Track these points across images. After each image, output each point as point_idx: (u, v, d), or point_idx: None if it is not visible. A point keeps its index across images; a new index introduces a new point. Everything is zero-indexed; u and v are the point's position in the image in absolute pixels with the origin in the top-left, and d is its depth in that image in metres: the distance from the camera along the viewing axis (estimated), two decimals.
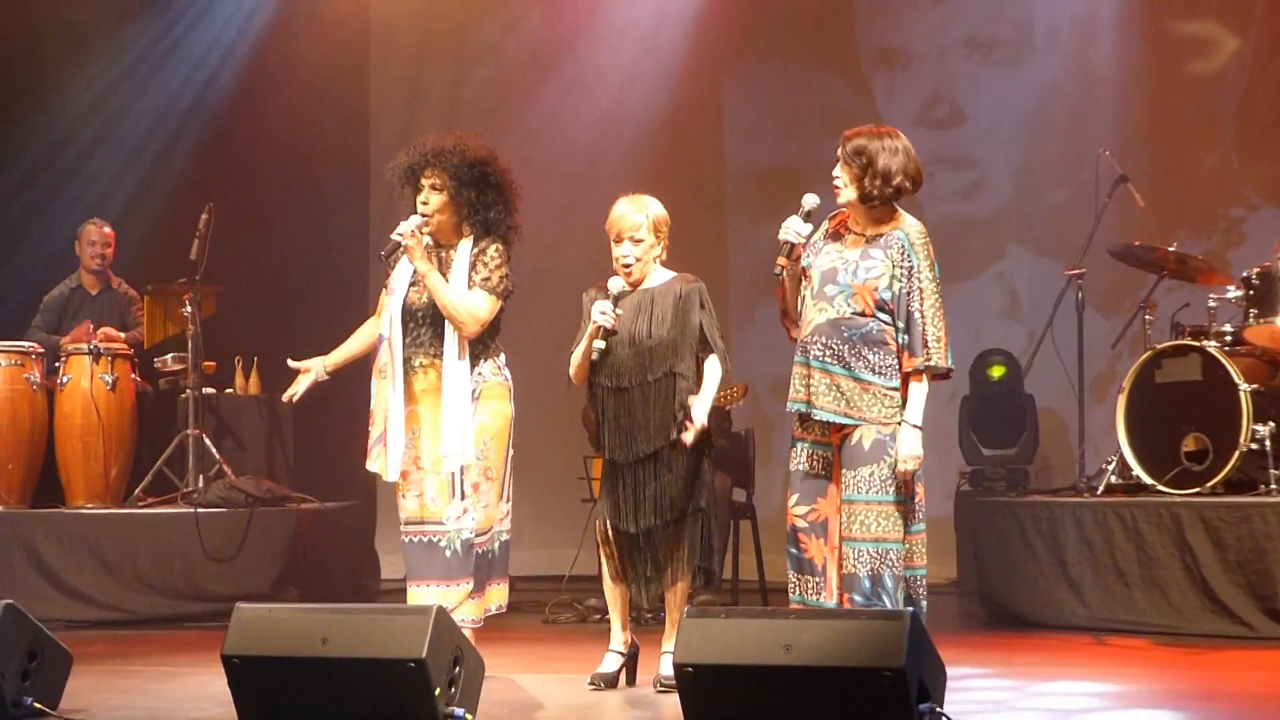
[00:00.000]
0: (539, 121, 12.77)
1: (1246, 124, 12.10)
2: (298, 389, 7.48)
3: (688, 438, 7.04)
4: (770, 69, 13.05)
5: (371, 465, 7.26)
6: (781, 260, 6.72)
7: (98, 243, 11.21)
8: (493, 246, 7.23)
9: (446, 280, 7.15)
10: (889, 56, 12.90)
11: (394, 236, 7.17)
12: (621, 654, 7.29)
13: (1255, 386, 9.13)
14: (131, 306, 11.26)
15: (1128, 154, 11.03)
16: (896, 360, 6.65)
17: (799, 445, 6.77)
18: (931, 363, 6.62)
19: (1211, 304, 9.67)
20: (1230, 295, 9.57)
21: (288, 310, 12.41)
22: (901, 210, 6.77)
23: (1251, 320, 9.40)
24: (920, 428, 6.62)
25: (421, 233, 7.16)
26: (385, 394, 7.21)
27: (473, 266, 7.20)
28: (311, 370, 7.46)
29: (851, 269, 6.67)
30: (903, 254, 6.65)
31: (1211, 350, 9.23)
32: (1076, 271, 10.12)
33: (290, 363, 7.49)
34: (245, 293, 11.81)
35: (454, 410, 7.11)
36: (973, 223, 12.48)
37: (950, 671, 5.89)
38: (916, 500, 6.69)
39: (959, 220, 12.41)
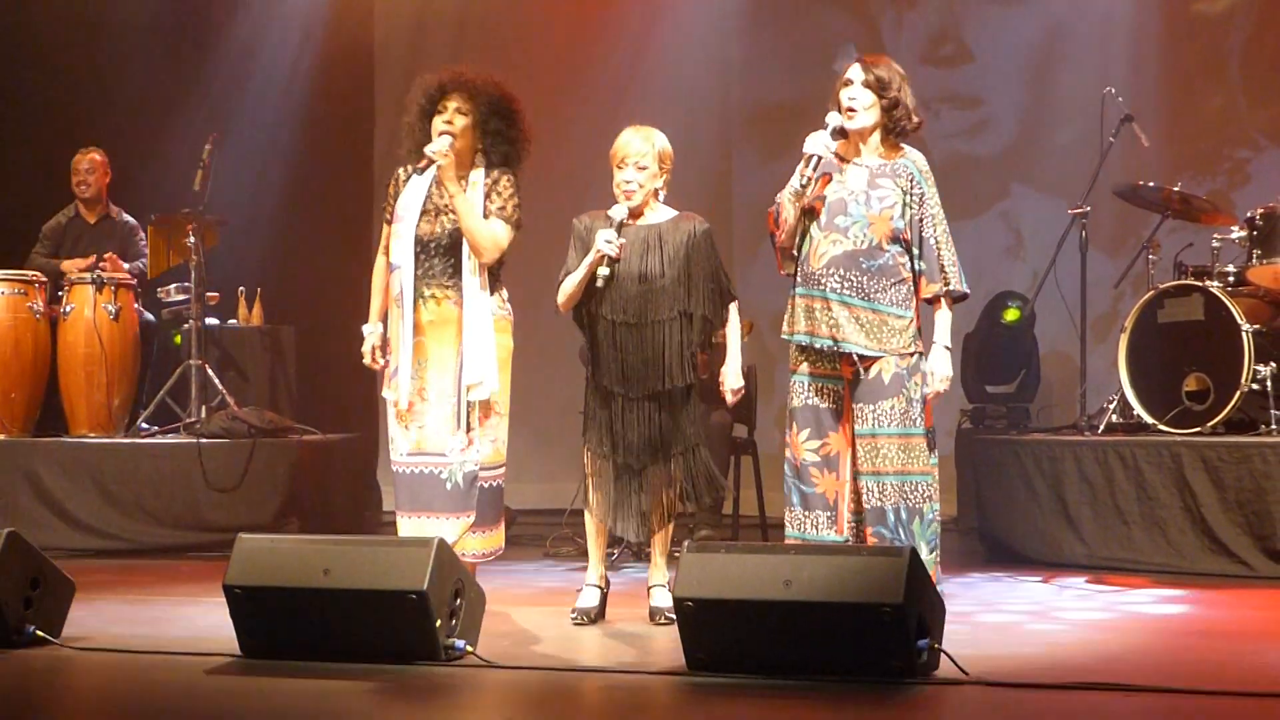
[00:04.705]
0: (544, 57, 12.72)
1: (1253, 64, 12.06)
2: (379, 357, 7.34)
3: (729, 398, 7.22)
4: (777, 4, 13.00)
5: (386, 393, 7.27)
6: (809, 172, 6.67)
7: (82, 170, 11.15)
8: (505, 177, 7.22)
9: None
10: None
11: (429, 152, 7.11)
12: (600, 588, 7.28)
13: (1257, 327, 9.13)
14: (133, 236, 11.22)
15: (1134, 93, 10.99)
16: (910, 291, 6.69)
17: (804, 380, 6.77)
18: (950, 287, 6.66)
19: (1215, 244, 9.65)
20: (1234, 236, 9.56)
21: (291, 241, 12.41)
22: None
23: (1255, 261, 9.40)
24: (950, 348, 6.68)
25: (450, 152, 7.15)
26: (397, 322, 7.21)
27: (487, 196, 7.19)
28: (370, 339, 7.33)
29: (862, 199, 6.67)
30: (912, 181, 6.69)
31: (1214, 290, 9.23)
32: (1080, 210, 10.10)
33: (369, 363, 7.37)
34: (249, 224, 11.80)
35: (476, 339, 7.08)
36: (977, 161, 12.46)
37: (949, 607, 5.91)
38: (932, 433, 6.74)
39: (964, 158, 12.39)
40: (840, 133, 6.75)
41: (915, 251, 6.68)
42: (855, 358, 6.66)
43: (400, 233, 7.21)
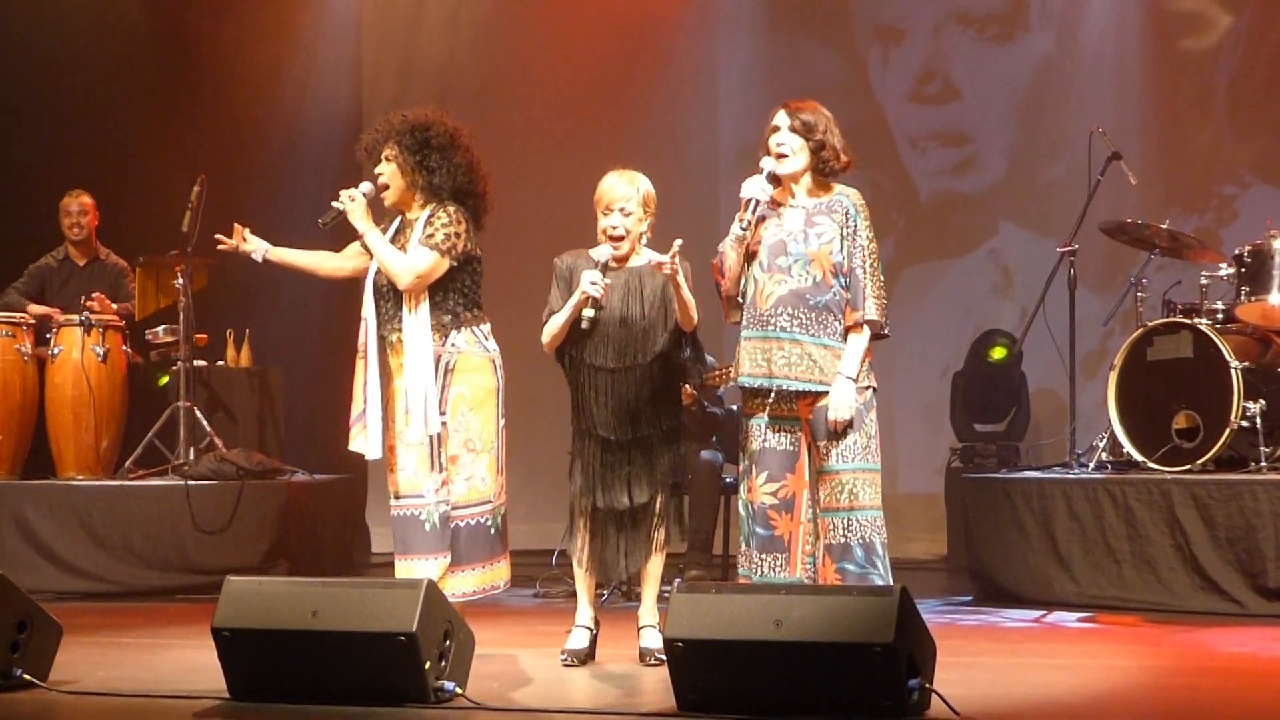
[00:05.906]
0: (532, 94, 12.74)
1: (1240, 101, 12.09)
2: (232, 243, 7.54)
3: (665, 261, 6.87)
4: (765, 44, 13.02)
5: (353, 445, 7.26)
6: (748, 216, 6.72)
7: (74, 213, 11.16)
8: (442, 210, 7.16)
9: (405, 248, 7.14)
10: (883, 32, 12.87)
11: (333, 204, 7.20)
12: (590, 629, 7.25)
13: (1246, 364, 9.14)
14: (122, 278, 11.21)
15: (1121, 131, 11.01)
16: None
17: (759, 422, 6.77)
18: (871, 317, 6.65)
19: (1203, 281, 9.66)
20: (1222, 273, 9.58)
21: (279, 283, 12.37)
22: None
23: (1243, 298, 9.41)
24: (854, 380, 6.64)
25: (377, 196, 7.20)
26: (362, 373, 7.21)
27: (423, 230, 7.17)
28: (253, 245, 7.51)
29: (800, 238, 6.73)
30: (847, 216, 6.74)
31: (1203, 328, 9.23)
32: (1068, 248, 10.10)
33: (237, 225, 7.53)
34: (237, 265, 11.74)
35: (412, 376, 7.07)
36: (965, 199, 12.47)
37: (940, 647, 5.90)
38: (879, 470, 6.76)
39: (952, 196, 12.39)
40: (774, 178, 6.80)
41: (845, 281, 6.70)
42: (812, 395, 6.67)
43: (365, 286, 7.26)
